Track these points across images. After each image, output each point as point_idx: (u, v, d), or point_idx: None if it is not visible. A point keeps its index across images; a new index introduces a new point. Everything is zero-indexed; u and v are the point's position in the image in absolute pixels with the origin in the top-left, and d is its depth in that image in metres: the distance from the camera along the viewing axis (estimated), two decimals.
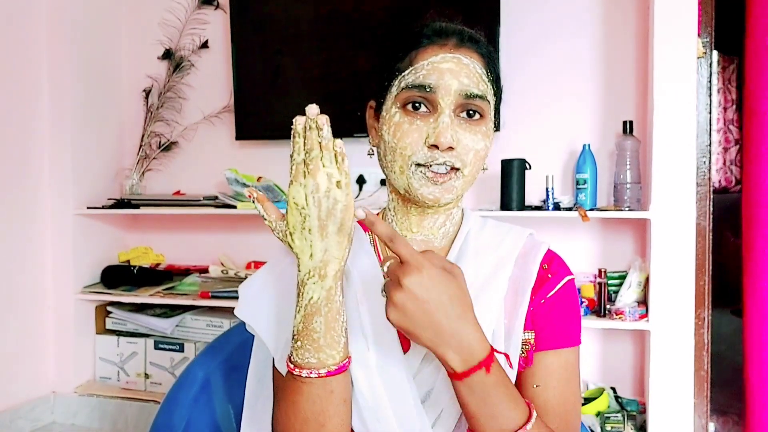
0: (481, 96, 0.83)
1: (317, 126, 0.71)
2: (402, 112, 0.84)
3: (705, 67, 2.25)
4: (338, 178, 0.73)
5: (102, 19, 2.84)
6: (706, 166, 2.24)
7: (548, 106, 2.46)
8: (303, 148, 0.73)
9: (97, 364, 2.78)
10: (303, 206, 0.73)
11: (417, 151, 0.82)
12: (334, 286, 0.75)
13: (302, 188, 0.73)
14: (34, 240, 2.66)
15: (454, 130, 0.82)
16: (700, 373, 2.22)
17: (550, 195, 2.27)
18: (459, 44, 0.85)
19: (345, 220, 0.73)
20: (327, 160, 0.72)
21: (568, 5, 2.44)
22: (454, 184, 0.84)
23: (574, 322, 0.89)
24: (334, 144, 0.72)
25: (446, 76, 0.82)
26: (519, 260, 0.90)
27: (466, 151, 0.83)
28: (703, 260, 2.21)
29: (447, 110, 0.82)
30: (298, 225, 0.74)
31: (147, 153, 2.89)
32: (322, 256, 0.74)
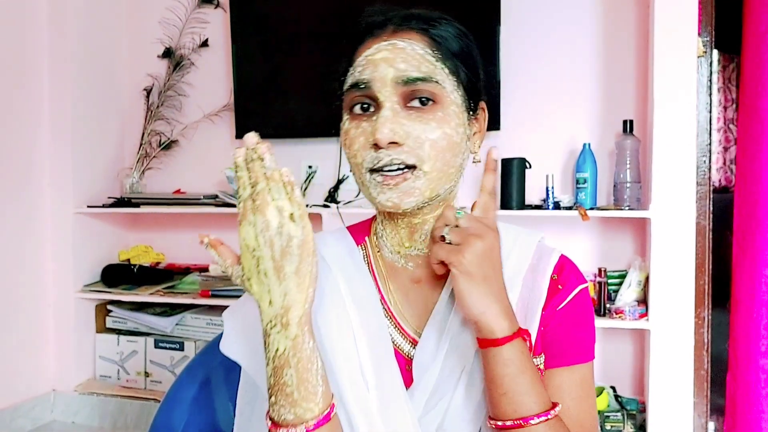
0: (425, 78, 0.74)
1: (258, 156, 0.66)
2: (350, 116, 0.77)
3: (705, 66, 2.25)
4: (290, 210, 0.65)
5: (102, 18, 2.84)
6: (706, 165, 2.24)
7: (548, 105, 2.46)
8: (248, 182, 0.66)
9: (97, 362, 2.79)
10: (254, 248, 0.66)
11: (365, 155, 0.75)
12: (301, 334, 0.67)
13: (252, 227, 0.66)
14: (35, 238, 2.66)
15: (398, 122, 0.73)
16: (700, 373, 2.22)
17: (550, 194, 2.27)
18: (397, 29, 0.77)
19: (304, 257, 0.66)
20: (275, 192, 0.65)
21: (568, 5, 2.44)
22: (414, 185, 0.74)
23: (588, 335, 0.82)
24: (280, 173, 0.65)
25: (381, 67, 0.74)
26: (527, 276, 0.81)
27: (419, 144, 0.73)
28: (703, 259, 2.21)
29: (388, 103, 0.73)
30: (253, 269, 0.67)
31: (147, 152, 2.89)
32: (282, 301, 0.66)
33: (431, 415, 0.75)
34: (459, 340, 0.76)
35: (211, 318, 2.64)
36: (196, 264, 2.87)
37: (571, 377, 0.79)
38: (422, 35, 0.76)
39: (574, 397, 0.79)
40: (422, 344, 0.78)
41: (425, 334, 0.78)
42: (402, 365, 0.78)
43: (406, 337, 0.80)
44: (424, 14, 0.78)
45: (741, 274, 2.15)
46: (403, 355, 0.79)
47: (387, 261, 0.84)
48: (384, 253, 0.84)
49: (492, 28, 2.37)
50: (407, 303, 0.82)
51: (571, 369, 0.79)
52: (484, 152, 0.82)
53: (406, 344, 0.80)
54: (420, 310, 0.81)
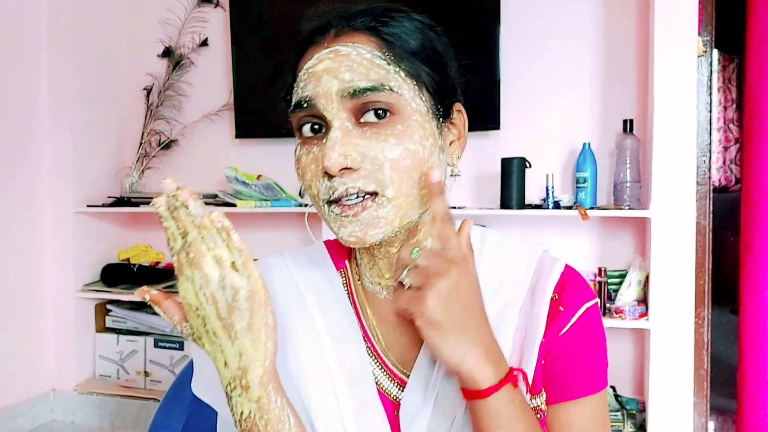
0: (375, 87, 0.62)
1: (182, 203, 0.56)
2: (301, 141, 0.67)
3: (705, 66, 2.25)
4: (230, 258, 0.58)
5: (102, 17, 2.84)
6: (706, 165, 2.24)
7: (548, 104, 2.46)
8: (177, 233, 0.58)
9: (96, 362, 2.78)
10: (197, 306, 0.58)
11: (319, 185, 0.64)
12: (265, 394, 0.60)
13: (190, 284, 0.58)
14: (34, 238, 2.66)
15: (350, 143, 0.62)
16: (700, 372, 2.22)
17: (550, 194, 2.27)
18: (339, 33, 0.65)
19: (255, 310, 0.58)
20: (210, 241, 0.57)
21: (568, 4, 2.44)
22: (377, 213, 0.63)
23: (598, 360, 0.70)
24: (211, 220, 0.57)
25: (323, 80, 0.63)
26: (526, 301, 0.70)
27: (378, 166, 0.62)
28: (703, 259, 2.21)
29: (336, 122, 0.63)
30: (200, 328, 0.60)
31: (147, 151, 2.89)
32: (238, 362, 0.59)
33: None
34: (451, 381, 0.66)
35: None
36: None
37: (580, 412, 0.68)
38: (369, 35, 0.65)
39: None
40: (410, 387, 0.68)
41: (413, 376, 0.68)
42: (389, 410, 0.69)
43: (392, 379, 0.70)
44: (369, 9, 0.67)
45: (749, 275, 2.15)
46: (390, 399, 0.70)
47: (369, 291, 0.74)
48: (364, 282, 0.74)
49: (492, 28, 2.36)
50: (393, 339, 0.72)
51: (580, 402, 0.68)
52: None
53: (393, 386, 0.70)
54: (408, 347, 0.71)
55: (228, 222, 0.58)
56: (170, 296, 0.63)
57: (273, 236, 2.73)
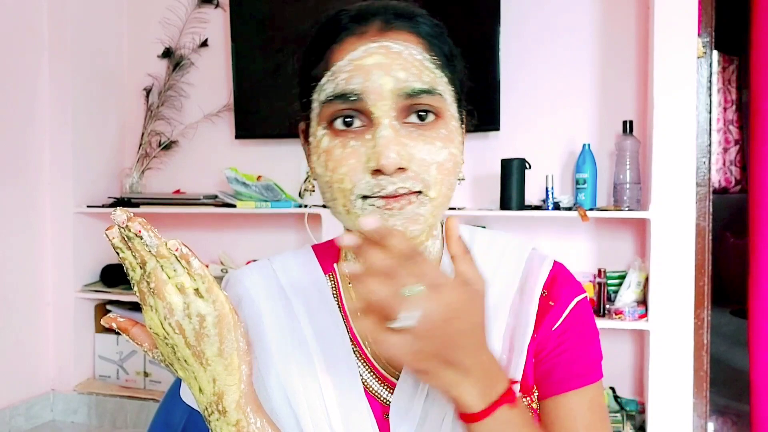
0: (429, 90, 0.62)
1: (134, 233, 0.54)
2: (330, 133, 0.64)
3: (705, 67, 2.25)
4: (193, 285, 0.56)
5: (102, 18, 2.84)
6: (705, 166, 2.25)
7: (548, 105, 2.46)
8: (135, 263, 0.56)
9: (96, 362, 2.79)
10: (164, 336, 0.57)
11: (358, 180, 0.62)
12: (243, 417, 0.60)
13: (154, 313, 0.57)
14: (35, 238, 2.66)
15: (401, 143, 0.61)
16: (700, 374, 2.22)
17: (549, 195, 2.27)
18: (384, 27, 0.64)
19: (224, 335, 0.57)
20: (170, 269, 0.55)
21: (568, 5, 2.44)
22: (418, 211, 0.63)
23: (593, 351, 0.71)
24: (167, 248, 0.55)
25: (374, 75, 0.61)
26: (515, 300, 0.70)
27: (425, 168, 0.62)
28: (702, 260, 2.22)
29: (385, 120, 0.61)
30: (171, 356, 0.59)
31: (147, 152, 2.89)
32: (213, 388, 0.59)
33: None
34: None
35: None
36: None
37: (580, 402, 0.69)
38: (414, 36, 0.64)
39: (587, 424, 0.68)
40: (400, 389, 0.67)
41: (403, 378, 0.68)
42: (378, 413, 0.68)
43: (382, 382, 0.69)
44: (407, 9, 0.66)
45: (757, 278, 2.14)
46: (380, 402, 0.69)
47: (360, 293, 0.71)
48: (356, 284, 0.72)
49: (492, 28, 2.37)
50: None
51: (579, 392, 0.69)
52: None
53: (383, 389, 0.69)
54: None
55: (186, 249, 0.56)
56: (137, 323, 0.61)
57: (273, 237, 2.73)
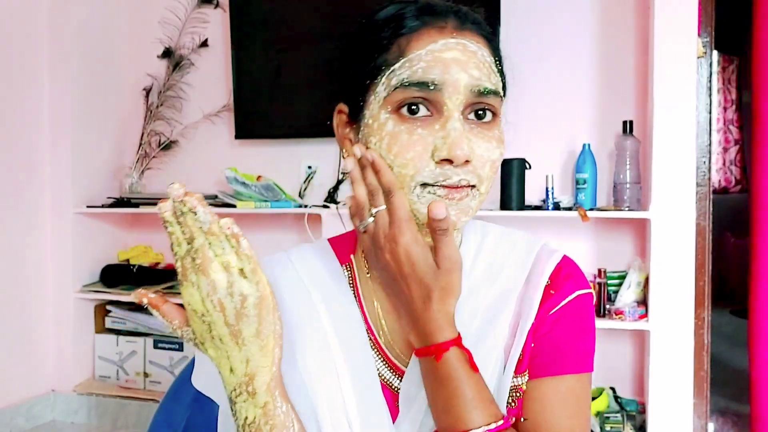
0: (495, 91, 0.66)
1: (189, 209, 0.55)
2: (396, 117, 0.65)
3: (705, 67, 2.25)
4: (239, 265, 0.57)
5: (102, 18, 2.84)
6: (705, 166, 2.24)
7: (548, 105, 2.46)
8: (182, 239, 0.57)
9: (96, 362, 2.78)
10: (203, 313, 0.58)
11: (422, 167, 0.64)
12: (271, 400, 0.60)
13: (196, 290, 0.57)
14: (34, 238, 2.66)
15: (467, 138, 0.64)
16: (700, 374, 2.22)
17: (549, 195, 2.27)
18: (460, 26, 0.67)
19: (263, 316, 0.58)
20: (218, 247, 0.56)
21: (568, 5, 2.44)
22: (470, 204, 0.67)
23: (584, 343, 0.72)
24: (219, 226, 0.56)
25: (452, 69, 0.63)
26: (522, 290, 0.73)
27: (482, 164, 0.66)
28: (702, 260, 2.21)
29: (456, 113, 0.64)
30: (205, 334, 0.59)
31: (147, 152, 2.89)
32: (245, 368, 0.59)
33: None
34: None
35: None
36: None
37: (556, 389, 0.69)
38: (483, 39, 0.68)
39: (555, 411, 0.69)
40: (409, 374, 0.70)
41: (411, 366, 0.70)
42: (390, 401, 0.71)
43: (394, 371, 0.72)
44: (474, 14, 0.70)
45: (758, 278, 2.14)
46: (391, 390, 0.72)
47: (377, 282, 0.74)
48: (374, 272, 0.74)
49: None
50: (396, 329, 0.73)
51: (556, 379, 0.70)
52: None
53: (394, 377, 0.72)
54: None
55: (237, 228, 0.57)
56: (168, 300, 0.61)
57: (273, 237, 2.72)
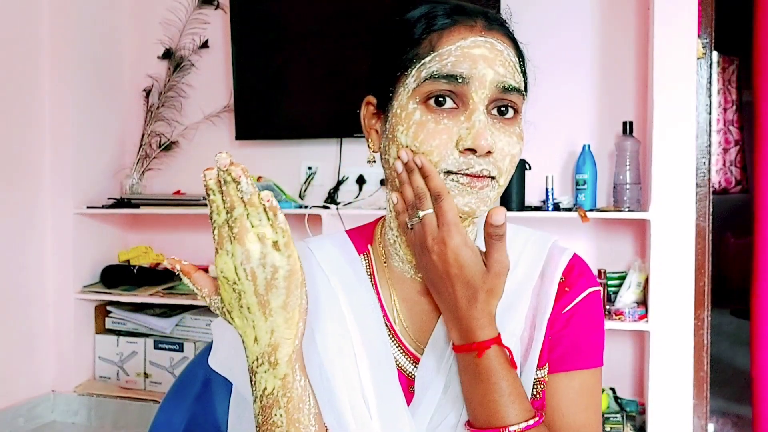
0: (518, 89, 0.71)
1: (233, 179, 0.59)
2: (424, 108, 0.68)
3: (705, 68, 2.25)
4: (274, 238, 0.59)
5: (103, 19, 2.84)
6: (705, 166, 2.25)
7: (548, 106, 2.46)
8: (222, 207, 0.60)
9: (96, 363, 2.78)
10: (234, 280, 0.60)
11: (446, 155, 0.67)
12: (291, 372, 0.62)
13: (230, 258, 0.59)
14: (34, 239, 2.66)
15: (490, 130, 0.68)
16: (700, 374, 2.22)
17: (549, 195, 2.27)
18: (489, 26, 0.71)
19: (291, 289, 0.60)
20: (255, 219, 0.59)
21: (568, 5, 2.44)
22: (489, 194, 0.70)
23: (595, 340, 0.76)
24: (260, 197, 0.58)
25: (480, 64, 0.67)
26: (537, 283, 0.76)
27: (503, 157, 0.70)
28: (702, 261, 2.22)
29: (481, 106, 0.68)
30: (234, 302, 0.61)
31: (147, 152, 2.89)
32: (269, 339, 0.61)
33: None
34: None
35: (210, 319, 2.63)
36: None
37: (570, 384, 0.73)
38: (509, 40, 0.73)
39: (570, 406, 0.73)
40: (424, 361, 0.74)
41: (427, 352, 0.74)
42: (405, 386, 0.73)
43: (409, 357, 0.75)
44: (501, 18, 0.75)
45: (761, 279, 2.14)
46: (405, 375, 0.75)
47: (394, 271, 0.78)
48: (392, 262, 0.78)
49: None
50: (411, 317, 0.77)
51: (571, 375, 0.74)
52: None
53: (409, 363, 0.75)
54: (424, 324, 0.76)
55: (276, 202, 0.59)
56: (199, 269, 0.64)
57: None
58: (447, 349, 0.72)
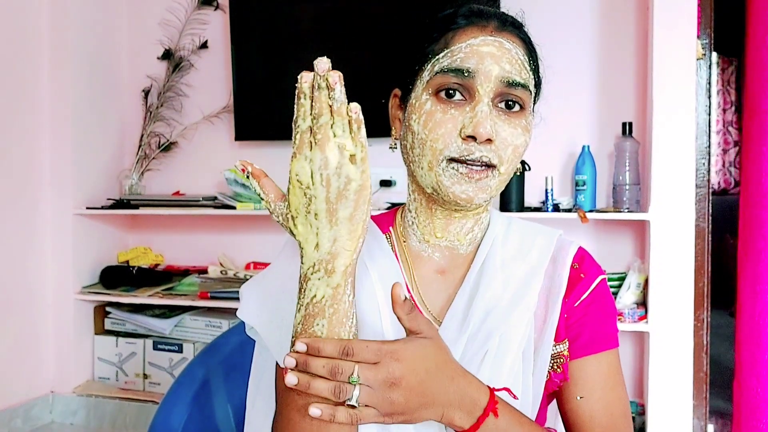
0: (524, 85, 0.75)
1: (328, 85, 0.60)
2: (434, 99, 0.75)
3: (704, 69, 2.25)
4: (352, 150, 0.61)
5: (102, 19, 2.84)
6: (705, 167, 2.25)
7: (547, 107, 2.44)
8: (309, 113, 0.61)
9: (95, 364, 2.78)
10: (308, 185, 0.61)
11: (450, 143, 0.73)
12: (343, 284, 0.64)
13: (308, 163, 0.61)
14: (34, 240, 2.66)
15: (493, 119, 0.73)
16: (699, 375, 2.22)
17: (549, 196, 2.27)
18: (501, 27, 0.77)
19: (360, 203, 0.62)
20: (339, 129, 0.60)
21: (568, 7, 2.44)
22: (489, 183, 0.75)
23: (611, 322, 0.84)
24: (348, 108, 0.60)
25: (486, 61, 0.74)
26: (548, 267, 0.83)
27: (505, 146, 0.75)
28: (702, 262, 2.22)
29: (485, 98, 0.73)
30: (302, 208, 0.62)
31: (146, 153, 2.89)
32: (331, 247, 0.63)
33: None
34: (481, 326, 0.77)
35: (210, 320, 2.63)
36: (195, 266, 2.87)
37: (599, 366, 0.81)
38: (521, 41, 0.78)
39: (604, 386, 0.80)
40: (443, 330, 0.78)
41: (447, 320, 0.79)
42: None
43: None
44: (517, 20, 0.80)
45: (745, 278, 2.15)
46: None
47: (412, 250, 0.84)
48: (411, 241, 0.84)
49: None
50: (429, 292, 0.82)
51: (598, 357, 0.81)
52: None
53: None
54: (442, 300, 0.82)
55: (362, 117, 0.61)
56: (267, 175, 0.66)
57: (272, 238, 2.72)
58: (466, 319, 0.78)
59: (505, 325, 0.76)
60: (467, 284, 0.80)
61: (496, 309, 0.78)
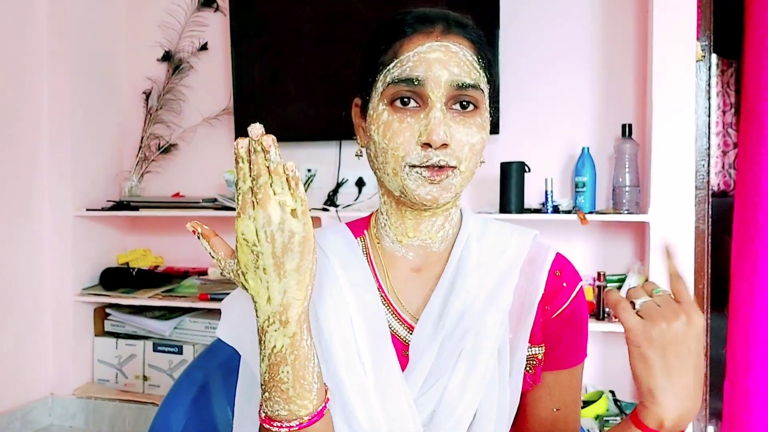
0: (474, 85, 0.77)
1: (263, 148, 0.62)
2: (390, 109, 0.77)
3: (704, 71, 2.25)
4: (293, 205, 0.64)
5: (102, 21, 2.84)
6: (704, 169, 2.25)
7: (547, 109, 2.46)
8: (249, 175, 0.64)
9: (95, 366, 2.78)
10: (254, 242, 0.64)
11: (410, 151, 0.76)
12: (299, 332, 0.67)
13: (252, 222, 0.63)
14: (33, 242, 2.66)
15: (446, 124, 0.75)
16: None
17: (549, 198, 2.27)
18: (446, 30, 0.78)
19: (305, 254, 0.65)
20: (278, 187, 0.63)
21: (567, 8, 2.44)
22: (452, 182, 0.77)
23: (586, 333, 0.87)
24: (285, 167, 0.63)
25: (435, 67, 0.75)
26: (525, 267, 0.84)
27: (461, 147, 0.76)
28: (702, 263, 2.22)
29: (438, 104, 0.75)
30: (251, 264, 0.65)
31: (146, 155, 2.89)
32: (282, 299, 0.65)
33: (427, 396, 0.77)
34: (457, 325, 0.79)
35: (209, 321, 2.63)
36: (194, 267, 2.87)
37: (572, 379, 0.84)
38: (468, 41, 0.79)
39: (575, 400, 0.85)
40: (419, 329, 0.80)
41: (422, 320, 0.81)
42: (399, 350, 0.80)
43: (402, 323, 0.82)
44: (462, 19, 0.81)
45: (740, 279, 2.15)
46: (400, 340, 0.81)
47: (387, 251, 0.86)
48: (384, 243, 0.87)
49: (491, 32, 2.37)
50: (405, 291, 0.84)
51: (571, 372, 0.84)
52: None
53: (403, 329, 0.82)
54: (419, 297, 0.84)
55: (298, 173, 0.64)
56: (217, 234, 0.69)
57: None
58: (442, 317, 0.80)
59: (480, 323, 0.78)
60: (443, 283, 0.82)
61: (472, 308, 0.80)
